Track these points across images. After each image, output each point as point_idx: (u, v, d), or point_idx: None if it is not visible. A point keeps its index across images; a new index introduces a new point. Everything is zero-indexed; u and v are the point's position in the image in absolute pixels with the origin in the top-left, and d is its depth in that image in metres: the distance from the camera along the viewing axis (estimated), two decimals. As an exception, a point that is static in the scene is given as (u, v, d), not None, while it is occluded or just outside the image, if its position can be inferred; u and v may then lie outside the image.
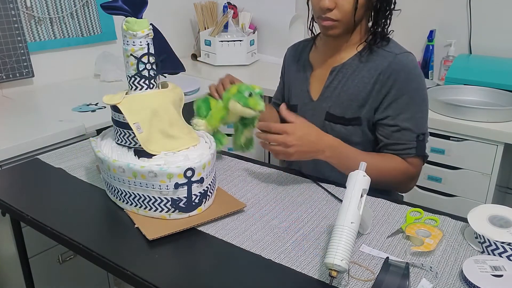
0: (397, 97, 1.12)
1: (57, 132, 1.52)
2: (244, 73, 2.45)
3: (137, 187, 0.95)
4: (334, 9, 1.09)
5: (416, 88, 1.13)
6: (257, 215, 1.01)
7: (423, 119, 1.16)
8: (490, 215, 0.92)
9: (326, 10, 1.09)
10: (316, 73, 1.25)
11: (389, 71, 1.12)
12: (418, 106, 1.14)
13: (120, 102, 1.01)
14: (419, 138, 1.14)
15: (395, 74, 1.11)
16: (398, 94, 1.12)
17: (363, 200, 0.85)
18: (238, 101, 1.12)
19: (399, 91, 1.12)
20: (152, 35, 1.02)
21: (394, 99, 1.12)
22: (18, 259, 1.36)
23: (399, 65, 1.12)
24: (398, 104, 1.13)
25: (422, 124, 1.15)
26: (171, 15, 2.64)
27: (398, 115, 1.13)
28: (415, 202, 1.07)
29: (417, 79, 1.13)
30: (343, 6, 1.08)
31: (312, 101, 1.24)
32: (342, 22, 1.11)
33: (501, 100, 1.82)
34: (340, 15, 1.09)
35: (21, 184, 1.17)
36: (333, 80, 1.19)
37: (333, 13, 1.09)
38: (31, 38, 2.01)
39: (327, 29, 1.13)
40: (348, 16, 1.10)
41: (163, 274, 0.82)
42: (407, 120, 1.13)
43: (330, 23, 1.11)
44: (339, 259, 0.75)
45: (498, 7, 2.02)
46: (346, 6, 1.08)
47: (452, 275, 0.81)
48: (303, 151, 1.04)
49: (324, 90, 1.21)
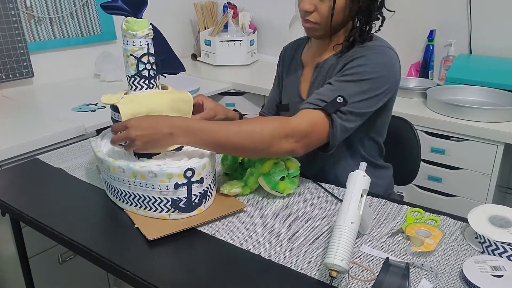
0: (346, 68, 1.07)
1: (57, 132, 1.52)
2: (244, 73, 2.45)
3: (137, 187, 0.95)
4: (314, 12, 1.09)
5: (366, 66, 1.05)
6: (257, 215, 1.01)
7: (355, 92, 1.03)
8: (490, 215, 0.92)
9: (306, 13, 1.10)
10: (305, 72, 1.25)
11: (352, 53, 1.10)
12: (359, 79, 1.04)
13: (118, 101, 1.01)
14: (338, 100, 1.02)
15: (357, 53, 1.08)
16: (349, 66, 1.07)
17: (363, 200, 0.85)
18: (267, 183, 1.05)
19: (351, 64, 1.07)
20: (152, 35, 1.02)
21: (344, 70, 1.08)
22: (18, 259, 1.36)
23: (365, 47, 1.09)
24: (342, 72, 1.07)
25: (351, 94, 1.03)
26: (171, 15, 2.64)
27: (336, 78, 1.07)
28: (415, 202, 1.07)
29: (375, 60, 1.06)
30: (322, 9, 1.08)
31: (302, 99, 1.23)
32: (322, 25, 1.11)
33: (501, 100, 1.82)
34: (319, 18, 1.09)
35: (21, 184, 1.17)
36: (317, 76, 1.19)
37: (312, 16, 1.10)
38: (31, 38, 2.00)
39: (308, 31, 1.14)
40: (326, 20, 1.09)
41: (163, 274, 0.82)
42: (339, 82, 1.05)
43: (310, 25, 1.12)
44: (339, 259, 0.75)
45: (498, 7, 2.03)
46: (324, 10, 1.08)
47: (452, 275, 0.81)
48: (149, 139, 0.95)
49: (310, 88, 1.21)
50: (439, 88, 1.94)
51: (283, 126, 0.98)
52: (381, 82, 1.06)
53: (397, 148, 1.29)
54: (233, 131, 0.96)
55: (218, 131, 0.96)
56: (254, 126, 0.98)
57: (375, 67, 1.06)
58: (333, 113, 1.01)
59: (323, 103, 1.02)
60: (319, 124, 1.02)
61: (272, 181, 1.05)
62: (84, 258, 0.91)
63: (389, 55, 1.09)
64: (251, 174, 1.07)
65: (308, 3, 1.08)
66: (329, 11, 1.08)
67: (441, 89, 1.92)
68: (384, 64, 1.07)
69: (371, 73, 1.05)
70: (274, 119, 1.03)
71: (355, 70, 1.05)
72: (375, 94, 1.06)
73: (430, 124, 1.76)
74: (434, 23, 2.20)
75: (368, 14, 1.10)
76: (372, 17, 1.11)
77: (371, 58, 1.06)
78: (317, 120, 1.01)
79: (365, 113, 1.07)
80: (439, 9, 2.17)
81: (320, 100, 1.02)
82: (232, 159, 1.12)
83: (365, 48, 1.09)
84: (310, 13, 1.10)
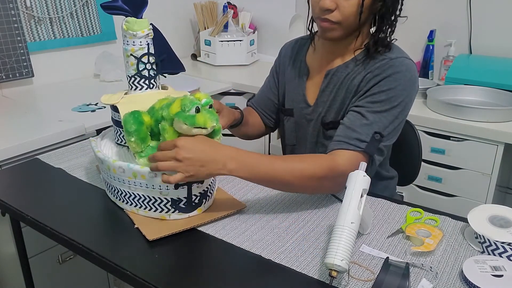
0: (374, 91, 1.04)
1: (57, 132, 1.51)
2: (244, 73, 2.45)
3: (137, 187, 0.95)
4: (335, 11, 1.02)
5: (396, 89, 1.03)
6: (257, 215, 1.01)
7: (389, 122, 1.03)
8: (490, 215, 0.92)
9: (325, 11, 1.02)
10: (312, 77, 1.20)
11: (377, 71, 1.06)
12: (391, 107, 1.03)
13: (118, 102, 1.01)
14: (375, 137, 1.02)
15: (382, 72, 1.05)
16: (377, 90, 1.04)
17: (363, 200, 0.85)
18: (184, 121, 0.90)
19: (379, 87, 1.04)
20: (152, 35, 1.02)
21: (372, 93, 1.05)
22: (18, 259, 1.35)
23: (389, 65, 1.05)
24: (372, 98, 1.04)
25: (386, 125, 1.03)
26: (171, 15, 2.64)
27: (366, 106, 1.04)
28: (415, 202, 1.07)
29: (403, 81, 1.04)
30: (345, 8, 1.01)
31: (309, 106, 1.19)
32: (342, 26, 1.04)
33: (501, 100, 1.82)
34: (340, 17, 1.03)
35: (21, 184, 1.17)
36: (328, 84, 1.15)
37: (333, 15, 1.03)
38: (31, 38, 2.00)
39: (325, 31, 1.07)
40: (349, 20, 1.03)
41: (163, 274, 0.82)
42: (372, 113, 1.03)
43: (329, 25, 1.04)
44: (339, 259, 0.75)
45: (498, 7, 2.03)
46: (348, 8, 1.01)
47: (452, 275, 0.81)
48: (198, 164, 0.89)
49: (320, 95, 1.17)
50: (439, 88, 1.94)
51: (332, 170, 0.97)
52: (408, 101, 1.06)
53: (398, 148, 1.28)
54: (284, 168, 0.95)
55: (270, 167, 0.94)
56: (305, 166, 0.96)
57: (404, 89, 1.04)
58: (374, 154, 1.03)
59: (363, 144, 1.01)
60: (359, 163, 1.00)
61: (188, 117, 0.90)
62: (84, 258, 0.91)
63: (412, 68, 1.07)
64: (164, 129, 0.94)
65: (329, 0, 1.00)
66: (354, 10, 1.01)
67: (441, 89, 1.92)
68: (410, 81, 1.05)
69: (400, 97, 1.03)
70: (323, 159, 1.00)
71: (385, 96, 1.03)
72: (404, 116, 1.07)
73: (430, 124, 1.76)
74: (434, 23, 2.20)
75: (390, 17, 1.06)
76: (395, 20, 1.07)
77: (399, 78, 1.03)
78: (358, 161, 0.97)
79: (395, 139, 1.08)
80: (439, 9, 2.17)
81: (358, 140, 1.01)
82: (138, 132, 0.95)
83: (389, 63, 1.05)
84: (331, 12, 1.02)
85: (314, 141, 1.21)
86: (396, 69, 1.04)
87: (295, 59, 1.26)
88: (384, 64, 1.05)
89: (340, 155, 1.00)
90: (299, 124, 1.23)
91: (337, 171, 0.97)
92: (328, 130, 1.16)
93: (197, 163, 0.89)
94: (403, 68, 1.05)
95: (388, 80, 1.04)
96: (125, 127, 0.94)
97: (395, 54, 1.07)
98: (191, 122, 0.90)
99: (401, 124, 1.07)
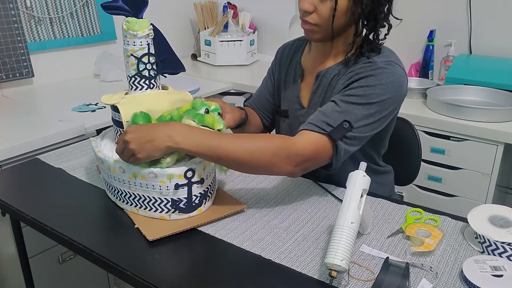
0: (353, 86, 1.03)
1: (57, 132, 1.52)
2: (244, 73, 2.45)
3: (137, 187, 0.95)
4: (313, 13, 1.03)
5: (375, 87, 1.01)
6: (257, 215, 1.01)
7: (362, 116, 1.01)
8: (490, 215, 0.93)
9: (305, 13, 1.04)
10: (306, 79, 1.20)
11: (359, 70, 1.05)
12: (367, 103, 1.01)
13: (118, 102, 1.01)
14: (344, 125, 0.99)
15: (364, 72, 1.03)
16: (356, 85, 1.03)
17: (363, 200, 0.85)
18: (193, 118, 0.95)
19: (358, 83, 1.03)
20: (152, 35, 1.02)
21: (350, 88, 1.03)
22: (18, 259, 1.35)
23: (374, 66, 1.03)
24: (350, 91, 1.03)
25: (358, 118, 1.00)
26: (171, 15, 2.64)
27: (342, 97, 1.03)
28: (415, 202, 1.07)
29: (384, 81, 1.01)
30: (322, 11, 1.02)
31: (303, 107, 1.19)
32: (321, 28, 1.05)
33: (501, 100, 1.82)
34: (318, 20, 1.04)
35: (21, 184, 1.17)
36: (319, 85, 1.15)
37: (311, 17, 1.04)
38: (31, 38, 2.00)
39: (306, 33, 1.09)
40: (326, 22, 1.03)
41: (163, 274, 0.82)
42: (346, 103, 1.01)
43: (308, 27, 1.06)
44: (339, 259, 0.75)
45: (498, 7, 2.03)
46: (324, 11, 1.02)
47: (452, 275, 0.81)
48: (144, 141, 0.90)
49: (312, 96, 1.17)
50: (439, 88, 1.94)
51: (287, 147, 0.95)
52: (388, 103, 1.03)
53: (398, 148, 1.29)
54: (233, 142, 0.93)
55: (218, 141, 0.92)
56: (256, 143, 0.95)
57: (384, 89, 1.01)
58: (338, 140, 0.99)
59: (329, 128, 0.98)
60: (323, 150, 0.99)
61: (197, 115, 0.96)
62: (84, 258, 0.91)
63: (398, 73, 1.04)
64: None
65: (307, 3, 1.03)
66: (330, 13, 1.02)
67: (441, 89, 1.92)
68: (393, 84, 1.02)
69: (379, 96, 1.01)
70: (277, 137, 0.99)
71: (363, 91, 1.01)
72: (381, 116, 1.03)
73: (430, 124, 1.76)
74: (434, 23, 2.20)
75: (374, 20, 1.05)
76: (378, 23, 1.05)
77: (380, 78, 1.02)
78: (321, 146, 0.99)
79: (369, 136, 1.05)
80: (439, 9, 2.17)
81: (325, 123, 0.99)
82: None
83: (373, 65, 1.04)
84: (309, 14, 1.04)
85: None
86: (379, 70, 1.03)
87: (291, 61, 1.26)
88: (367, 66, 1.04)
89: (301, 134, 0.99)
90: (294, 125, 1.23)
91: (291, 148, 0.95)
92: None
93: (143, 139, 0.91)
94: (387, 70, 1.03)
95: (368, 79, 1.02)
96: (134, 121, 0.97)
97: (382, 58, 1.06)
98: (200, 119, 0.95)
99: (378, 124, 1.04)
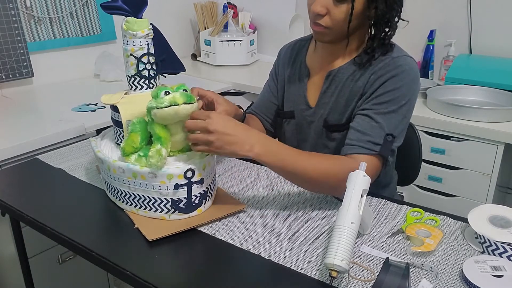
0: (380, 93, 1.05)
1: (57, 132, 1.51)
2: (244, 73, 2.45)
3: (137, 187, 0.95)
4: (325, 16, 1.03)
5: (401, 88, 1.04)
6: (257, 215, 1.00)
7: (398, 122, 1.05)
8: (490, 215, 0.92)
9: (317, 16, 1.03)
10: (313, 78, 1.19)
11: (380, 71, 1.06)
12: (398, 107, 1.04)
13: (118, 102, 1.01)
14: (387, 138, 1.03)
15: (386, 73, 1.05)
16: (382, 91, 1.05)
17: (363, 200, 0.85)
18: (155, 105, 0.90)
19: (384, 88, 1.05)
20: (152, 35, 1.02)
21: (377, 95, 1.05)
22: (18, 259, 1.35)
23: (393, 65, 1.05)
24: (378, 99, 1.05)
25: (396, 125, 1.04)
26: (171, 15, 2.64)
27: (374, 108, 1.05)
28: (415, 202, 1.07)
29: (407, 80, 1.05)
30: (335, 14, 1.02)
31: (310, 107, 1.19)
32: (333, 30, 1.05)
33: (501, 100, 1.82)
34: (331, 23, 1.03)
35: (21, 184, 1.17)
36: (330, 85, 1.14)
37: (324, 20, 1.03)
38: (31, 38, 2.00)
39: (317, 35, 1.09)
40: (339, 25, 1.03)
41: (163, 274, 0.82)
42: (381, 115, 1.04)
43: (320, 29, 1.05)
44: (339, 259, 0.75)
45: (498, 7, 2.03)
46: (338, 15, 1.02)
47: (452, 275, 0.81)
48: (226, 141, 0.89)
49: (321, 96, 1.16)
50: (439, 88, 1.94)
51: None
52: (413, 100, 1.07)
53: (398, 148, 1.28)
54: (311, 164, 0.95)
55: (295, 158, 0.95)
56: (329, 165, 0.98)
57: (408, 88, 1.05)
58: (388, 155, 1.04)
59: (377, 147, 1.02)
60: (377, 169, 1.04)
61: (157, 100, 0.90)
62: (84, 258, 0.91)
63: (414, 66, 1.08)
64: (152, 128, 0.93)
65: (320, 5, 1.01)
66: (344, 17, 1.01)
67: (441, 89, 1.92)
68: (413, 79, 1.06)
69: (406, 96, 1.05)
70: (347, 161, 1.01)
71: (392, 96, 1.04)
72: (411, 113, 1.08)
73: (430, 124, 1.76)
74: (434, 23, 2.20)
75: (387, 22, 1.06)
76: (391, 26, 1.07)
77: (402, 77, 1.04)
78: (375, 166, 1.03)
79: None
80: (439, 9, 2.17)
81: (371, 143, 1.02)
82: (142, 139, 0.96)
83: (391, 62, 1.06)
84: (322, 17, 1.03)
85: (314, 143, 1.20)
86: (399, 68, 1.05)
87: (295, 61, 1.25)
88: (386, 64, 1.06)
89: (358, 159, 0.99)
90: (300, 126, 1.23)
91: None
92: (333, 133, 1.15)
93: (226, 139, 0.90)
94: (406, 67, 1.06)
95: (392, 81, 1.05)
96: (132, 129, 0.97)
97: (397, 53, 1.08)
98: (159, 102, 0.89)
99: (408, 120, 1.09)
